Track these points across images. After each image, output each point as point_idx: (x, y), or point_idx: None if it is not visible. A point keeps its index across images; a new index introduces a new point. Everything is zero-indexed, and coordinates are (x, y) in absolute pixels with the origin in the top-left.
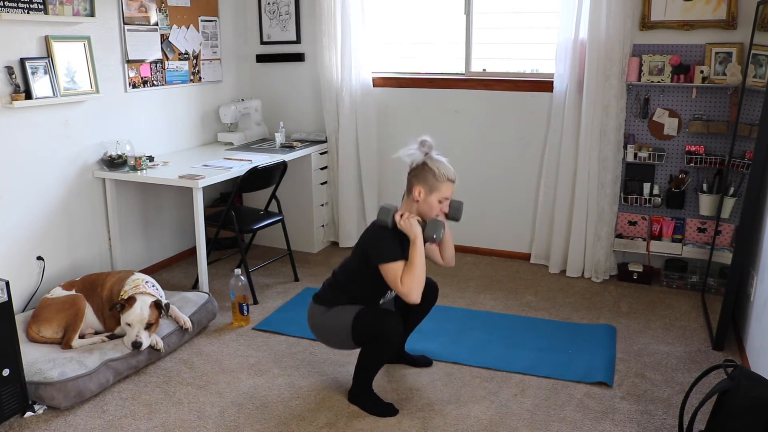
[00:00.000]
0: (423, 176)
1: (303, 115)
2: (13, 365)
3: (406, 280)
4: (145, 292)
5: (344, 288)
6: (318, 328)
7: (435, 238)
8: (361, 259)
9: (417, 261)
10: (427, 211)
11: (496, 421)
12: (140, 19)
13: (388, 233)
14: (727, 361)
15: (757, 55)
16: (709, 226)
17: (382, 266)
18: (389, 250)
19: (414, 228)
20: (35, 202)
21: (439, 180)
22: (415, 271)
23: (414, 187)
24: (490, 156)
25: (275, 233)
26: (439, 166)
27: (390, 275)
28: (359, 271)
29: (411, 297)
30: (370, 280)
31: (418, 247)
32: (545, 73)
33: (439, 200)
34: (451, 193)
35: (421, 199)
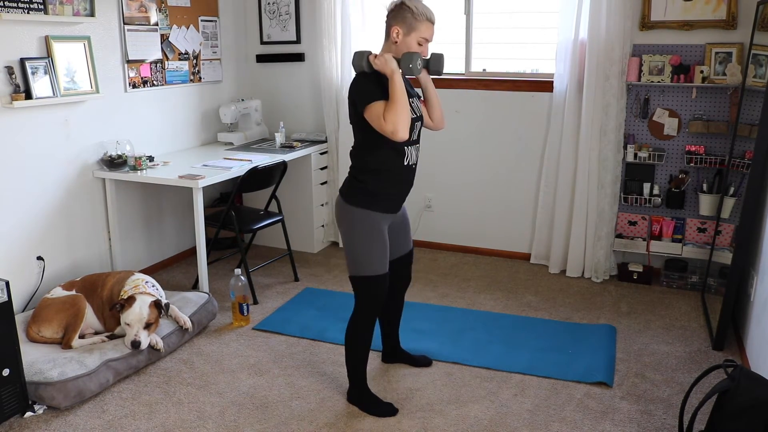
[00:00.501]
0: (401, 16)
1: (303, 115)
2: (13, 365)
3: (389, 117)
4: (145, 292)
5: (362, 164)
6: (339, 223)
7: (411, 67)
8: (356, 116)
9: (398, 95)
10: (405, 52)
11: (496, 421)
12: (140, 19)
13: (367, 78)
14: (727, 361)
15: (757, 55)
16: (709, 226)
17: (365, 110)
18: (368, 92)
19: (389, 63)
20: (35, 202)
21: (417, 19)
22: (396, 105)
23: (392, 28)
24: (490, 156)
25: (275, 233)
26: (417, 5)
27: (373, 116)
28: (361, 129)
29: (398, 134)
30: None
31: (396, 82)
32: (545, 73)
33: (418, 42)
34: (431, 35)
35: (400, 40)
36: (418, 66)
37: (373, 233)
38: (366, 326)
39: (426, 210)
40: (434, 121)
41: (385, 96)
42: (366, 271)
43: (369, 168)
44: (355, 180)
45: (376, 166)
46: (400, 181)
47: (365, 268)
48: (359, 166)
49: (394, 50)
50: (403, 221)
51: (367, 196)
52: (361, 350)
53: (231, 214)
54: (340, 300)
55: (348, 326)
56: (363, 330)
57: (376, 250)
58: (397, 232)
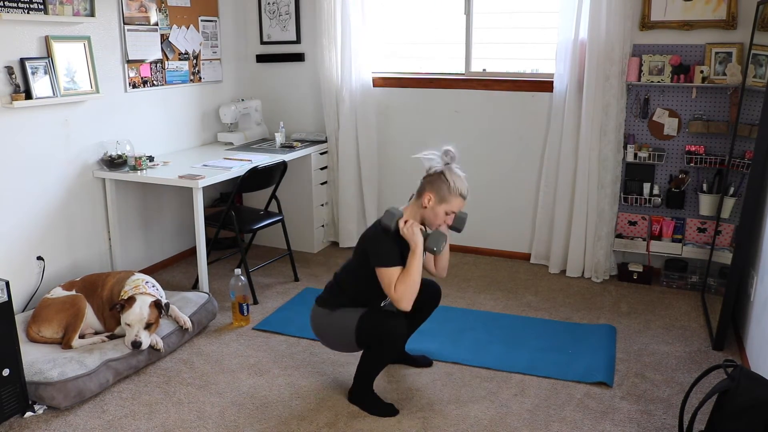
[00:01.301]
0: (437, 185)
1: (303, 115)
2: (13, 365)
3: (400, 288)
4: (145, 292)
5: (346, 289)
6: (321, 331)
7: (435, 251)
8: (361, 259)
9: (413, 270)
10: (432, 219)
11: (496, 421)
12: (140, 19)
13: (390, 237)
14: (727, 361)
15: (757, 55)
16: (709, 226)
17: (378, 269)
18: (388, 254)
19: (416, 236)
20: (35, 202)
21: (452, 193)
22: (410, 280)
23: (425, 193)
24: (490, 156)
25: (275, 233)
26: (455, 180)
27: (385, 279)
28: (360, 271)
29: (402, 304)
30: (371, 281)
31: (417, 257)
32: (545, 73)
33: (446, 212)
34: (460, 208)
35: (429, 207)
36: (442, 249)
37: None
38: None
39: None
40: (438, 270)
41: (402, 262)
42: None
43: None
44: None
45: (354, 296)
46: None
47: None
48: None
49: (421, 213)
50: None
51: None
52: (381, 366)
53: (231, 214)
54: None
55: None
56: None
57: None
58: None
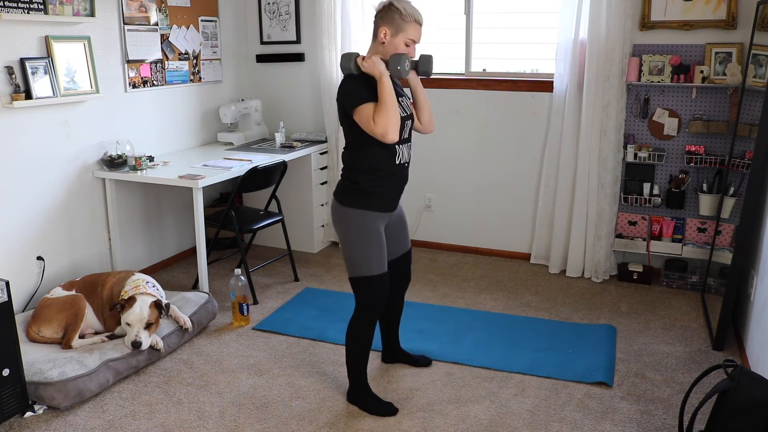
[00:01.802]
0: (389, 16)
1: (303, 115)
2: (13, 365)
3: (378, 119)
4: (146, 292)
5: (354, 164)
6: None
7: (399, 69)
8: (345, 118)
9: (387, 97)
10: (392, 53)
11: (496, 421)
12: (140, 19)
13: (356, 79)
14: (727, 361)
15: (757, 55)
16: (709, 226)
17: (354, 113)
18: (356, 93)
19: (377, 65)
20: (35, 202)
21: (405, 20)
22: (385, 107)
23: (380, 29)
24: (490, 156)
25: (275, 233)
26: (405, 6)
27: (363, 119)
28: (351, 131)
29: (387, 136)
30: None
31: (385, 84)
32: (545, 73)
33: (405, 42)
34: (418, 36)
35: (387, 41)
36: (406, 67)
37: (369, 233)
38: (366, 327)
39: (426, 210)
40: (423, 123)
41: (374, 98)
42: (365, 271)
43: (361, 168)
44: (347, 181)
45: (367, 165)
46: (393, 180)
47: (364, 269)
48: (351, 166)
49: (382, 51)
50: (400, 221)
51: (361, 196)
52: (361, 351)
53: (231, 214)
54: (339, 300)
55: (348, 327)
56: (363, 330)
57: (373, 250)
58: (395, 231)
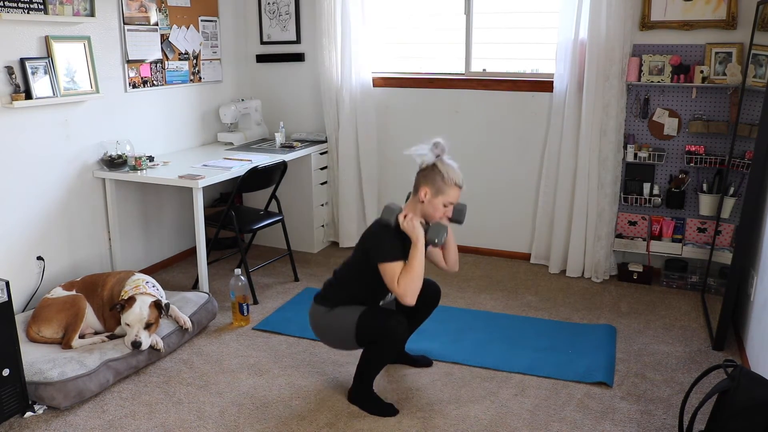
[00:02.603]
0: (431, 178)
1: (303, 115)
2: (13, 365)
3: (403, 282)
4: (146, 292)
5: (345, 287)
6: (320, 329)
7: (437, 242)
8: (362, 257)
9: (416, 263)
10: (431, 212)
11: (496, 421)
12: (140, 19)
13: (390, 232)
14: (727, 361)
15: (757, 55)
16: (709, 226)
17: (381, 265)
18: (389, 250)
19: (416, 230)
20: (35, 202)
21: (447, 184)
22: (412, 274)
23: (421, 188)
24: (490, 156)
25: (275, 233)
26: (448, 170)
27: (388, 275)
28: (360, 269)
29: (406, 299)
30: (371, 279)
31: (419, 250)
32: (545, 73)
33: (444, 204)
34: (456, 199)
35: (427, 201)
36: (443, 240)
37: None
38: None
39: None
40: (449, 264)
41: (404, 256)
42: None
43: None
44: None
45: (355, 294)
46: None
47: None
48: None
49: (420, 208)
50: None
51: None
52: (381, 365)
53: (231, 214)
54: None
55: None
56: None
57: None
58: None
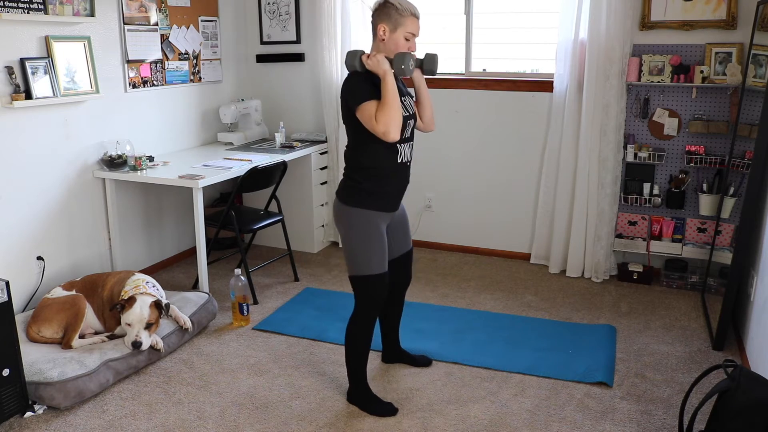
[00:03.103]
0: (385, 13)
1: (303, 115)
2: (13, 365)
3: (381, 117)
4: (146, 292)
5: (356, 163)
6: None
7: (404, 68)
8: (347, 115)
9: (390, 96)
10: (393, 49)
11: (496, 421)
12: (140, 19)
13: (360, 77)
14: (727, 361)
15: (757, 55)
16: (709, 226)
17: (357, 110)
18: (360, 91)
19: (382, 63)
20: (35, 202)
21: (402, 15)
22: (388, 107)
23: (378, 27)
24: (490, 156)
25: (275, 233)
26: (401, 1)
27: (365, 116)
28: (354, 128)
29: (389, 134)
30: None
31: (388, 83)
32: (545, 73)
33: (405, 37)
34: (417, 30)
35: (387, 37)
36: (411, 66)
37: (371, 233)
38: (366, 326)
39: (426, 210)
40: (424, 122)
41: (378, 96)
42: (365, 270)
43: (363, 166)
44: (350, 180)
45: (369, 164)
46: (395, 179)
47: (364, 268)
48: (353, 165)
49: (383, 48)
50: (401, 220)
51: (363, 195)
52: (361, 350)
53: (231, 214)
54: (340, 300)
55: (348, 326)
56: (363, 330)
57: (374, 249)
58: (396, 231)
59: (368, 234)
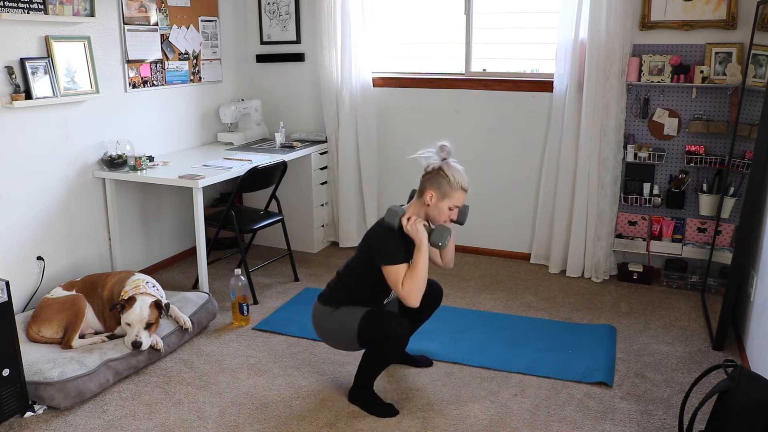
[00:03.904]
0: (437, 181)
1: (303, 115)
2: (13, 365)
3: (407, 284)
4: (146, 292)
5: (348, 287)
6: (323, 329)
7: (440, 245)
8: (365, 258)
9: (420, 266)
10: (436, 216)
11: (496, 421)
12: (140, 19)
13: (394, 234)
14: (727, 361)
15: (757, 55)
16: (709, 226)
17: (384, 267)
18: (393, 252)
19: (420, 233)
20: (35, 202)
21: (453, 188)
22: (416, 276)
23: (426, 191)
24: (490, 156)
25: (275, 233)
26: (454, 174)
27: (392, 277)
28: (363, 270)
29: (410, 301)
30: (375, 280)
31: (422, 253)
32: (545, 73)
33: (449, 207)
34: (462, 202)
35: (432, 204)
36: (446, 242)
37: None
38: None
39: None
40: (445, 262)
41: (408, 258)
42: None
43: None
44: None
45: (358, 294)
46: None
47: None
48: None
49: (425, 211)
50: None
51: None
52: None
53: (231, 214)
54: None
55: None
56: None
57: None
58: None
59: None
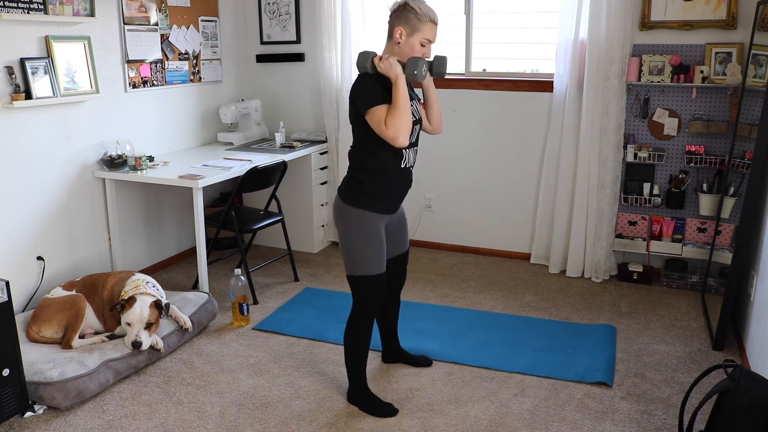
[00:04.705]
0: (404, 16)
1: (303, 115)
2: (13, 365)
3: (391, 122)
4: (146, 292)
5: (358, 162)
6: (337, 222)
7: (416, 74)
8: (356, 117)
9: (400, 101)
10: (408, 53)
11: (496, 421)
12: (140, 19)
13: (371, 79)
14: (727, 361)
15: (757, 55)
16: (709, 226)
17: (366, 113)
18: (370, 94)
19: (394, 67)
20: (35, 202)
21: (421, 20)
22: (399, 112)
23: (395, 29)
24: (490, 156)
25: (275, 233)
26: (421, 6)
27: (375, 120)
28: (360, 130)
29: (398, 140)
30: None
31: (400, 87)
32: (545, 73)
33: (421, 42)
34: (434, 36)
35: (403, 41)
36: (423, 73)
37: (370, 233)
38: (364, 326)
39: (426, 210)
40: (432, 124)
41: (388, 99)
42: (363, 270)
43: (366, 169)
44: (353, 180)
45: (373, 167)
46: (398, 183)
47: (362, 269)
48: (357, 166)
49: (397, 51)
50: (400, 221)
51: (364, 196)
52: (360, 350)
53: (231, 214)
54: (339, 300)
55: (346, 326)
56: (361, 330)
57: (372, 250)
58: (394, 231)
59: (367, 235)
